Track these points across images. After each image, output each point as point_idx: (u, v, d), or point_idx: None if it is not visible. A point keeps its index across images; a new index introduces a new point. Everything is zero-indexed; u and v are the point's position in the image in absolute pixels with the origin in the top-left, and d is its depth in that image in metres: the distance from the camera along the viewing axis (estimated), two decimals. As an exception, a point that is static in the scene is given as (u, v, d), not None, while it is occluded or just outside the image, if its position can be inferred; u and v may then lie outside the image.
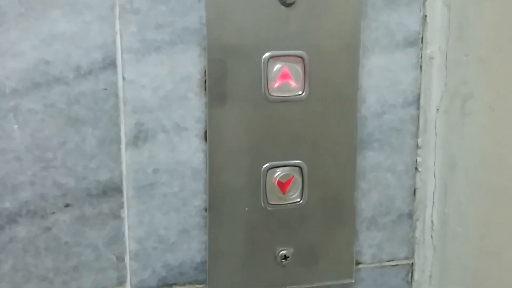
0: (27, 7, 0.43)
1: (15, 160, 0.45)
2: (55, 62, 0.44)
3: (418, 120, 0.52)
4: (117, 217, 0.47)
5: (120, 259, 0.48)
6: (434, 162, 0.52)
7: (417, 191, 0.53)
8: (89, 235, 0.47)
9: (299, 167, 0.49)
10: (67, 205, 0.46)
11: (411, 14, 0.50)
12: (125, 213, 0.47)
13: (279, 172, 0.49)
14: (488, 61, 0.45)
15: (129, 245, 0.48)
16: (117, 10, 0.44)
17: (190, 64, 0.46)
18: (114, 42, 0.45)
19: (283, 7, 0.46)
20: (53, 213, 0.46)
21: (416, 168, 0.53)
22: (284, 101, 0.47)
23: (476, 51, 0.46)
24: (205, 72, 0.46)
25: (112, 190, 0.47)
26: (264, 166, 0.48)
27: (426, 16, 0.50)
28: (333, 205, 0.50)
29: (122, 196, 0.47)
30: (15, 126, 0.44)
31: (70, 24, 0.43)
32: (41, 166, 0.45)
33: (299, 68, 0.47)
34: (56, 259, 0.47)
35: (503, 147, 0.44)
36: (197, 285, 0.50)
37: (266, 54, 0.46)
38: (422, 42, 0.50)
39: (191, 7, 0.45)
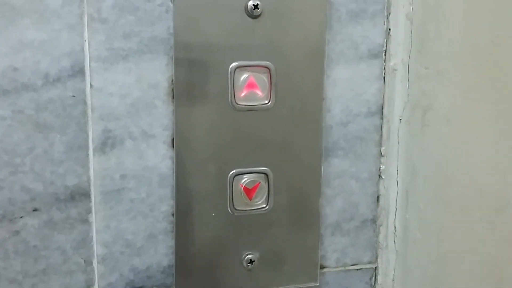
0: (-4, 15, 0.43)
1: (-17, 165, 0.45)
2: (24, 69, 0.44)
3: (382, 130, 0.53)
4: (85, 221, 0.48)
5: (88, 262, 0.48)
6: (397, 170, 0.54)
7: (380, 197, 0.54)
8: (57, 239, 0.47)
9: (265, 174, 0.50)
10: (35, 210, 0.46)
11: (375, 27, 0.51)
12: (93, 217, 0.48)
13: (245, 179, 0.50)
14: (446, 74, 0.46)
15: (97, 249, 0.48)
16: (85, 19, 0.45)
17: (158, 72, 0.47)
18: (83, 50, 0.45)
19: (249, 18, 0.47)
20: (21, 217, 0.46)
21: (380, 176, 0.54)
22: (250, 109, 0.48)
23: (435, 65, 0.48)
24: (172, 80, 0.47)
25: (80, 195, 0.47)
26: (230, 173, 0.49)
27: (389, 29, 0.51)
28: (298, 211, 0.51)
29: (90, 201, 0.48)
30: (-16, 132, 0.45)
31: (39, 32, 0.44)
32: (9, 171, 0.45)
33: (265, 78, 0.48)
34: (25, 262, 0.47)
35: (458, 157, 0.46)
36: (164, 289, 0.51)
37: (233, 64, 0.47)
38: (385, 55, 0.52)
39: (159, 17, 0.46)
